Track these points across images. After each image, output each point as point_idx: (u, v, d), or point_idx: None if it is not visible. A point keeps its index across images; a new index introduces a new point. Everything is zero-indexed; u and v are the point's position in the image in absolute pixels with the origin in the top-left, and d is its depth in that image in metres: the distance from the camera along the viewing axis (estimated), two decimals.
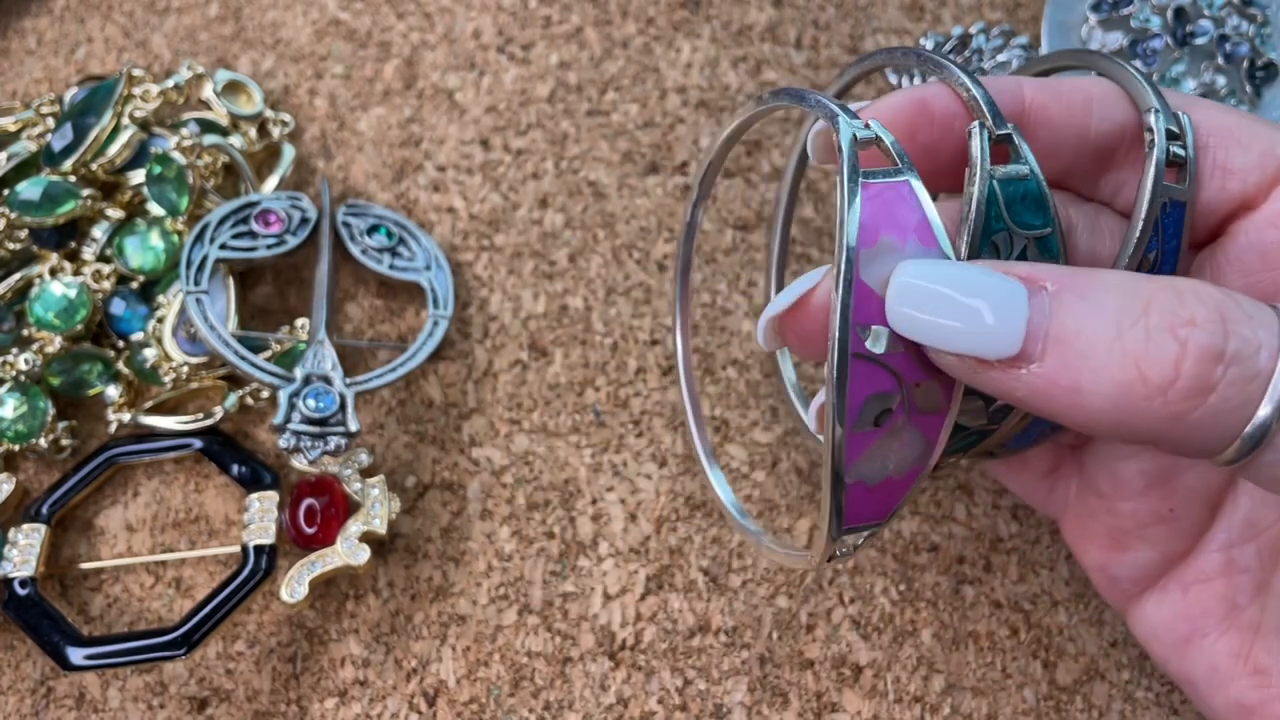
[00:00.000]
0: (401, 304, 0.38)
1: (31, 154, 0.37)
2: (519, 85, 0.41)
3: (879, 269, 0.22)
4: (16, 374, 0.34)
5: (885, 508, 0.24)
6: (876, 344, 0.22)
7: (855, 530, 0.24)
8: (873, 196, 0.22)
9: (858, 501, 0.23)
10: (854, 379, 0.22)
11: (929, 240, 0.22)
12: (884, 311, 0.22)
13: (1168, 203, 0.24)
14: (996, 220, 0.23)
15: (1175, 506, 0.27)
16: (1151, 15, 0.40)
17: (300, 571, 0.32)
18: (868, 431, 0.23)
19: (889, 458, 0.23)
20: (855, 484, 0.23)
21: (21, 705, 0.32)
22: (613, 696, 0.32)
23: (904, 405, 0.23)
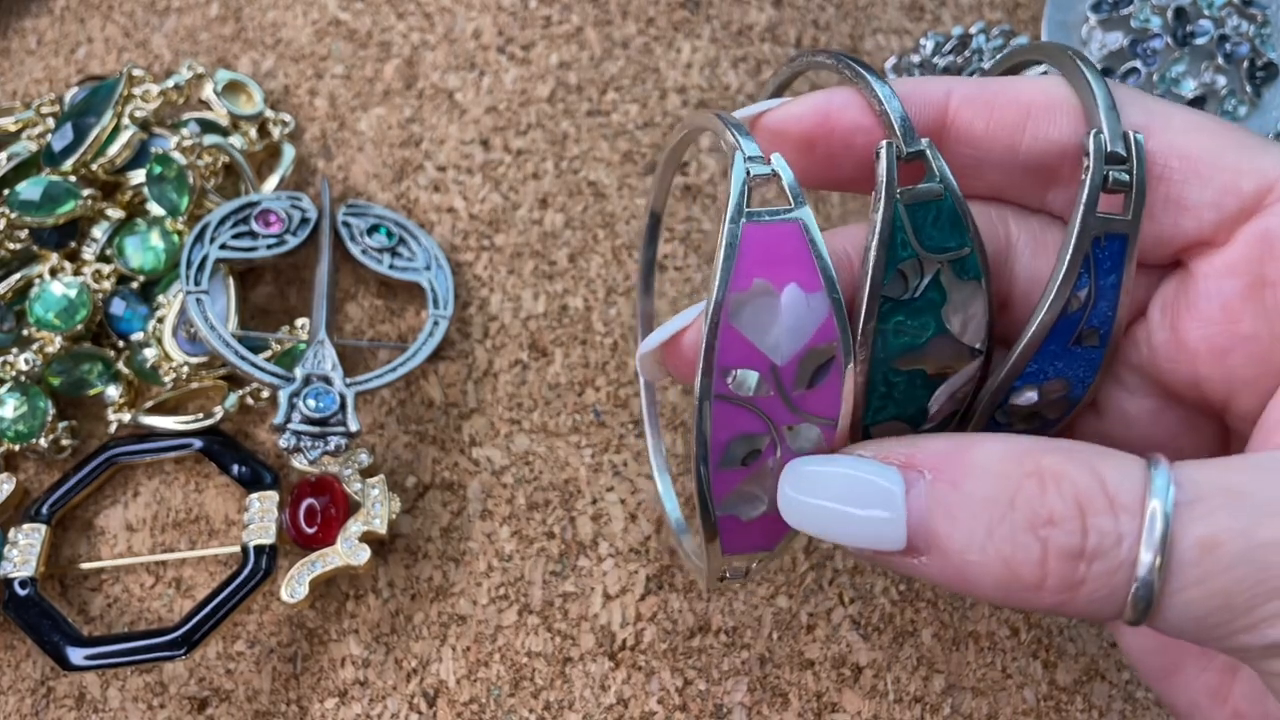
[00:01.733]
0: (401, 304, 0.38)
1: (32, 154, 0.37)
2: (519, 85, 0.41)
3: (750, 313, 0.22)
4: (17, 374, 0.34)
5: (772, 538, 0.24)
6: (742, 387, 0.22)
7: (739, 558, 0.24)
8: (755, 239, 0.22)
9: (733, 533, 0.24)
10: (716, 419, 0.22)
11: (812, 284, 0.22)
12: (754, 354, 0.22)
13: (1102, 236, 0.22)
14: (904, 247, 0.22)
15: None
16: (1151, 15, 0.40)
17: (300, 571, 0.32)
18: (734, 470, 0.23)
19: (760, 497, 0.23)
20: (727, 517, 0.23)
21: (21, 705, 0.32)
22: (613, 697, 0.32)
23: (775, 446, 0.23)
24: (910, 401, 0.23)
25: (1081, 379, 0.23)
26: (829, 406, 0.22)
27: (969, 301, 0.23)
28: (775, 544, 0.24)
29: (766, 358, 0.22)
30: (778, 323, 0.22)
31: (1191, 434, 0.24)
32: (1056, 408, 0.24)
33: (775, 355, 0.22)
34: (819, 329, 0.22)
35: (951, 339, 0.23)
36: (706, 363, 0.22)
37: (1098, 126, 0.22)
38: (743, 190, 0.22)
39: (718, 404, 0.22)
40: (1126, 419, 0.24)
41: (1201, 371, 0.23)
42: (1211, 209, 0.22)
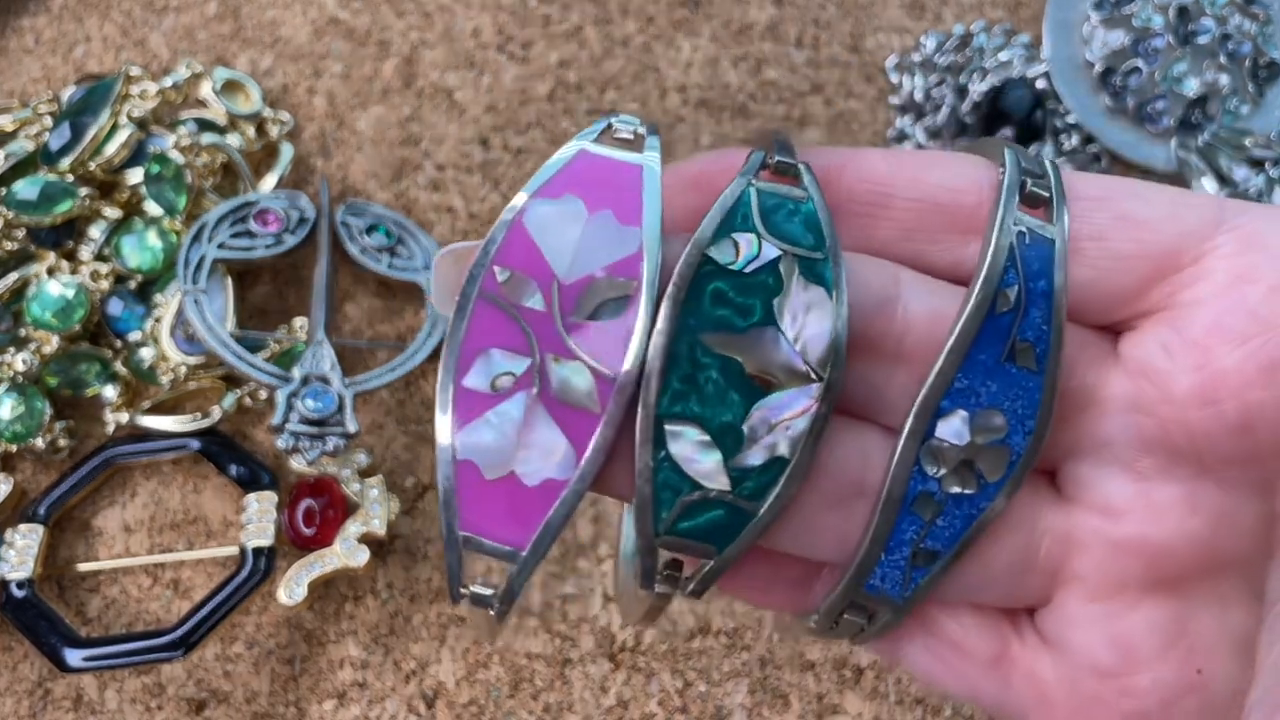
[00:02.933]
0: (400, 304, 0.38)
1: (29, 153, 0.37)
2: (519, 84, 0.41)
3: (550, 220, 0.20)
4: (14, 374, 0.34)
5: (521, 526, 0.19)
6: (514, 292, 0.19)
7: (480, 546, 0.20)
8: (588, 163, 0.20)
9: (473, 493, 0.19)
10: (475, 321, 0.19)
11: (630, 218, 0.20)
12: (538, 261, 0.19)
13: (1026, 232, 0.20)
14: (744, 221, 0.20)
15: (1202, 665, 0.21)
16: (1154, 14, 0.40)
17: (299, 572, 0.32)
18: (481, 393, 0.19)
19: (508, 443, 0.19)
20: (465, 463, 0.19)
21: (19, 707, 0.32)
22: (612, 698, 0.32)
23: (533, 378, 0.19)
24: (718, 404, 0.19)
25: (1021, 417, 0.20)
26: (610, 352, 0.19)
27: (812, 308, 0.20)
28: (525, 540, 0.19)
29: (550, 269, 0.20)
30: (576, 237, 0.20)
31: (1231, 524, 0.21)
32: (994, 460, 0.20)
33: (559, 268, 0.20)
34: (622, 260, 0.20)
35: (781, 338, 0.20)
36: (484, 249, 0.19)
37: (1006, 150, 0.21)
38: (599, 128, 0.21)
39: (480, 303, 0.19)
40: (1154, 513, 0.21)
41: (1253, 402, 0.20)
42: (1169, 219, 0.21)
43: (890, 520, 0.20)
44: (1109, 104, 0.40)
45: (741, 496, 0.20)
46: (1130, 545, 0.21)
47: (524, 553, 0.19)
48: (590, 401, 0.19)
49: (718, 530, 0.20)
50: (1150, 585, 0.21)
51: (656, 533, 0.20)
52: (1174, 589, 0.21)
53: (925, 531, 0.20)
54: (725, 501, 0.20)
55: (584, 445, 0.19)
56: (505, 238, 0.20)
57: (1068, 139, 0.40)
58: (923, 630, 0.22)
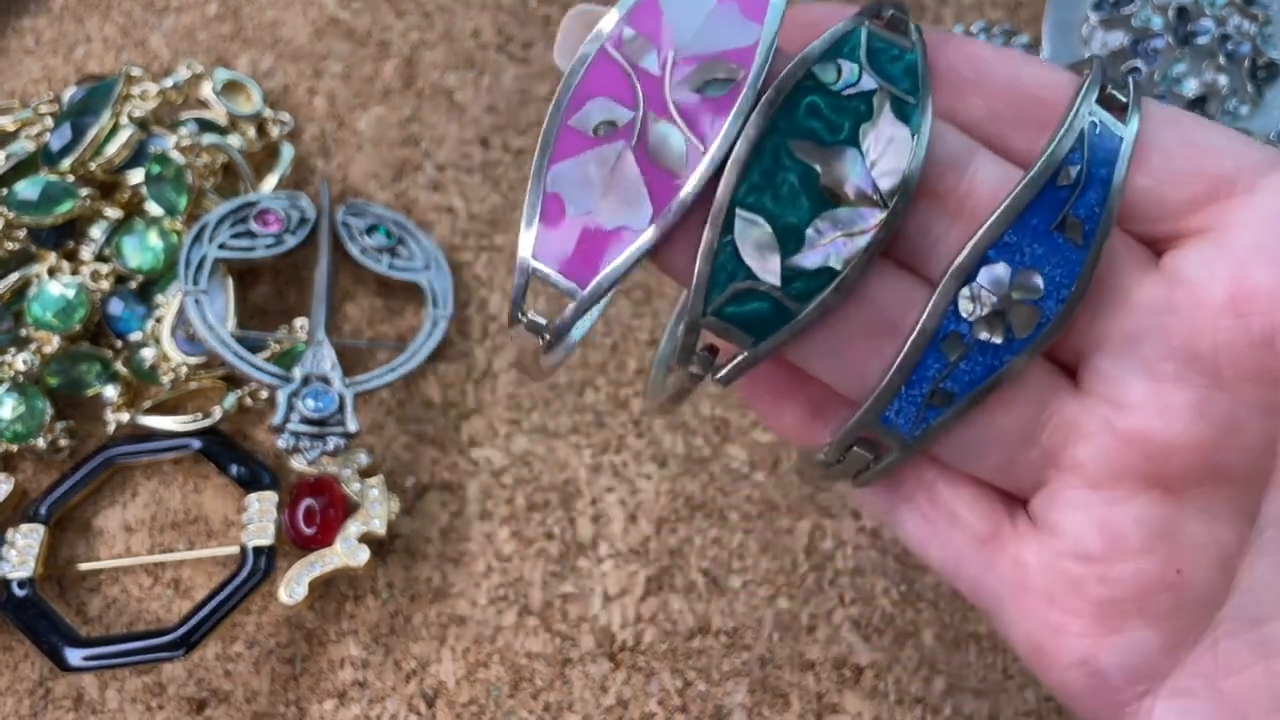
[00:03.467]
0: (401, 304, 0.38)
1: (30, 153, 0.37)
2: (519, 84, 0.41)
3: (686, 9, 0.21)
4: (14, 374, 0.34)
5: (584, 267, 0.21)
6: (633, 52, 0.21)
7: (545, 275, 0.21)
8: None
9: (555, 226, 0.21)
10: (592, 69, 0.21)
11: (755, 13, 0.21)
12: (661, 29, 0.21)
13: (1098, 123, 0.22)
14: (850, 52, 0.21)
15: (1184, 566, 0.22)
16: (1153, 14, 0.40)
17: (299, 572, 0.32)
18: (583, 135, 0.21)
19: (594, 191, 0.21)
20: (553, 196, 0.21)
21: (20, 706, 0.32)
22: (612, 698, 0.32)
23: (632, 131, 0.20)
24: (790, 204, 0.21)
25: (1058, 285, 0.21)
26: (706, 126, 0.21)
27: (894, 142, 0.21)
28: (586, 280, 0.21)
29: (671, 38, 0.21)
30: (702, 17, 0.21)
31: (1235, 437, 0.21)
32: (1025, 317, 0.21)
33: (680, 40, 0.21)
34: (737, 49, 0.21)
35: (860, 160, 0.21)
36: (619, 9, 0.21)
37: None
38: None
39: (601, 55, 0.21)
40: (1164, 413, 0.22)
41: (1278, 320, 0.21)
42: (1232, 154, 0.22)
43: (919, 352, 0.21)
44: None
45: (789, 295, 0.21)
46: (1134, 438, 0.22)
47: (584, 291, 0.21)
48: (679, 165, 0.20)
49: (760, 321, 0.21)
50: (1147, 481, 0.22)
51: (704, 312, 0.21)
52: (1169, 490, 0.22)
53: (947, 372, 0.21)
54: (773, 296, 0.21)
55: (663, 205, 0.20)
56: (640, 6, 0.21)
57: None
58: (923, 496, 0.24)
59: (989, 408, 0.22)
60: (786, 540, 0.34)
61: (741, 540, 0.34)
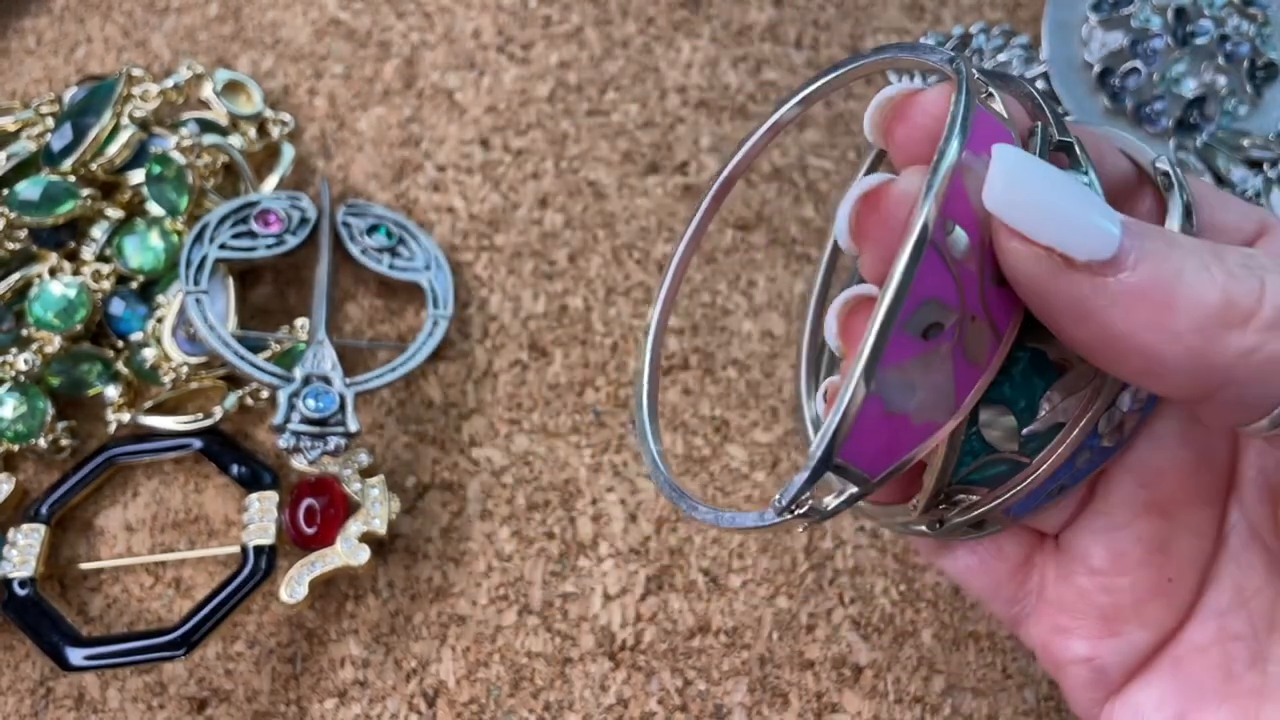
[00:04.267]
0: (401, 304, 0.38)
1: (31, 154, 0.37)
2: (519, 85, 0.41)
3: (976, 176, 0.20)
4: (16, 374, 0.34)
5: (880, 460, 0.20)
6: (955, 246, 0.20)
7: (844, 471, 0.20)
8: (987, 119, 0.21)
9: (868, 424, 0.20)
10: (924, 268, 0.19)
11: None
12: (970, 216, 0.20)
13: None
14: None
15: (1174, 575, 0.25)
16: (1152, 15, 0.40)
17: (300, 572, 0.32)
18: (913, 340, 0.20)
19: (915, 388, 0.20)
20: (873, 398, 0.19)
21: (21, 706, 0.32)
22: (612, 697, 0.32)
23: (955, 332, 0.20)
24: (1024, 389, 0.22)
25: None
26: (1005, 315, 0.21)
27: None
28: (877, 474, 0.20)
29: (979, 224, 0.20)
30: None
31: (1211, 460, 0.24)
32: (1133, 422, 0.23)
33: (985, 227, 0.20)
34: None
35: None
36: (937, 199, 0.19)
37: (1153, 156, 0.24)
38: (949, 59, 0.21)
39: (931, 252, 0.19)
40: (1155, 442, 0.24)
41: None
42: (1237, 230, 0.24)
43: (1060, 465, 0.23)
44: (1107, 105, 0.40)
45: (1025, 454, 0.23)
46: (1134, 466, 0.24)
47: (874, 480, 0.21)
48: (981, 358, 0.21)
49: (998, 478, 0.23)
50: (1144, 505, 0.25)
51: (950, 483, 0.23)
52: (1163, 512, 0.24)
53: (1074, 475, 0.24)
54: (1010, 459, 0.23)
55: (965, 392, 0.21)
56: (950, 188, 0.19)
57: None
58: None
59: None
60: (786, 540, 0.34)
61: (741, 540, 0.34)
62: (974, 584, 0.27)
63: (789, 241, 0.39)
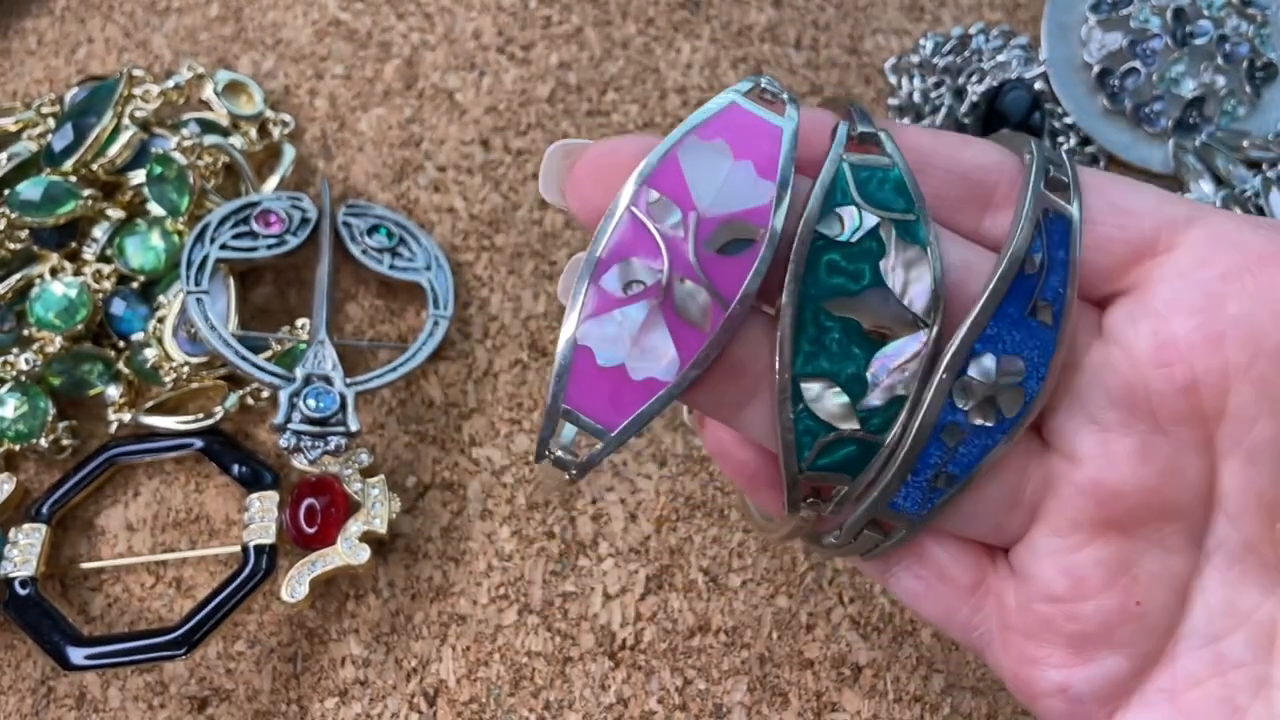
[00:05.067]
0: (402, 304, 0.38)
1: (32, 154, 0.37)
2: (519, 85, 0.41)
3: (701, 158, 0.22)
4: (17, 374, 0.34)
5: (614, 412, 0.22)
6: (660, 214, 0.22)
7: (578, 420, 0.22)
8: (738, 117, 0.23)
9: (585, 375, 0.22)
10: (621, 230, 0.22)
11: (768, 172, 0.22)
12: (684, 191, 0.22)
13: (1049, 210, 0.23)
14: (843, 195, 0.23)
15: (1141, 598, 0.24)
16: (1151, 15, 0.40)
17: (300, 571, 0.32)
18: (613, 294, 0.22)
19: (626, 344, 0.22)
20: (583, 349, 0.22)
21: (22, 705, 0.32)
22: (613, 696, 0.32)
23: (660, 291, 0.22)
24: (844, 359, 0.23)
25: (1036, 365, 0.23)
26: (729, 284, 0.22)
27: (912, 265, 0.23)
28: (615, 425, 0.22)
29: (693, 200, 0.22)
30: (720, 178, 0.22)
31: (1177, 476, 0.23)
32: (1012, 399, 0.23)
33: (701, 202, 0.22)
34: (755, 208, 0.22)
35: (889, 295, 0.23)
36: (641, 173, 0.22)
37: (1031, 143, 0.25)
38: (749, 86, 0.23)
39: (629, 217, 0.22)
40: (1111, 461, 0.24)
41: (1198, 368, 0.23)
42: (1152, 214, 0.24)
43: (922, 444, 0.23)
44: (1106, 105, 0.40)
45: (870, 430, 0.23)
46: (1087, 487, 0.24)
47: (613, 434, 0.22)
48: (703, 320, 0.22)
49: (850, 462, 0.23)
50: (1102, 526, 0.24)
51: (800, 470, 0.23)
52: (1123, 531, 0.24)
53: (949, 457, 0.23)
54: (856, 438, 0.23)
55: (689, 357, 0.22)
56: (661, 164, 0.22)
57: (1065, 140, 0.40)
58: (914, 557, 0.26)
59: (982, 482, 0.24)
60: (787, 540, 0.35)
61: (741, 539, 0.34)
62: (924, 610, 0.26)
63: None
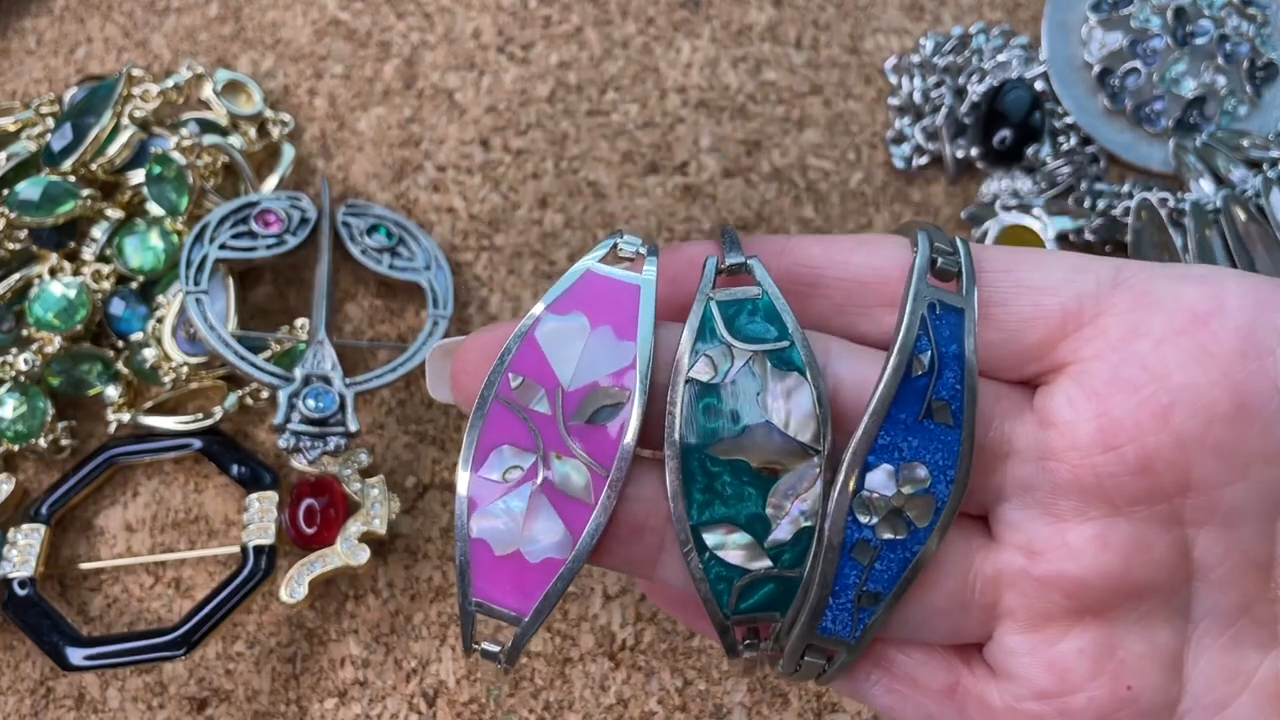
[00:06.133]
0: (401, 304, 0.38)
1: (31, 154, 0.37)
2: (519, 85, 0.41)
3: (558, 335, 0.23)
4: (16, 374, 0.34)
5: (525, 596, 0.23)
6: (524, 396, 0.23)
7: (490, 611, 0.23)
8: (593, 284, 0.23)
9: (485, 566, 0.23)
10: (490, 421, 0.22)
11: (627, 333, 0.23)
12: (546, 370, 0.22)
13: (937, 304, 0.23)
14: (711, 335, 0.23)
15: (1132, 682, 0.23)
16: (1151, 15, 0.40)
17: (300, 572, 0.32)
18: (494, 482, 0.23)
19: (514, 525, 0.22)
20: (478, 541, 0.23)
21: (21, 705, 0.32)
22: (612, 697, 0.32)
23: (538, 472, 0.22)
24: (739, 501, 0.22)
25: (942, 467, 0.22)
26: (604, 452, 0.22)
27: (792, 392, 0.22)
28: (528, 608, 0.23)
29: (555, 377, 0.23)
30: (579, 350, 0.23)
31: (1145, 555, 0.23)
32: (922, 508, 0.23)
33: (564, 377, 0.23)
34: (617, 371, 0.23)
35: (774, 430, 0.22)
36: (500, 359, 0.23)
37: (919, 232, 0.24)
38: (606, 248, 0.24)
39: (496, 405, 0.22)
40: (1070, 552, 0.23)
41: (1150, 446, 0.22)
42: (1065, 285, 0.23)
43: (833, 566, 0.23)
44: (1107, 105, 0.40)
45: (784, 567, 0.23)
46: (1050, 581, 0.23)
47: (525, 618, 0.23)
48: (586, 494, 0.22)
49: (774, 599, 0.23)
50: (1076, 614, 0.23)
51: (726, 616, 0.23)
52: (1099, 615, 0.23)
53: (866, 575, 0.23)
54: (772, 576, 0.23)
55: (579, 530, 0.22)
56: (519, 348, 0.23)
57: (1065, 140, 0.40)
58: (880, 670, 0.25)
59: (919, 592, 0.23)
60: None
61: None
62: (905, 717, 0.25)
63: None
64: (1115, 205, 0.39)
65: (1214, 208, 0.38)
